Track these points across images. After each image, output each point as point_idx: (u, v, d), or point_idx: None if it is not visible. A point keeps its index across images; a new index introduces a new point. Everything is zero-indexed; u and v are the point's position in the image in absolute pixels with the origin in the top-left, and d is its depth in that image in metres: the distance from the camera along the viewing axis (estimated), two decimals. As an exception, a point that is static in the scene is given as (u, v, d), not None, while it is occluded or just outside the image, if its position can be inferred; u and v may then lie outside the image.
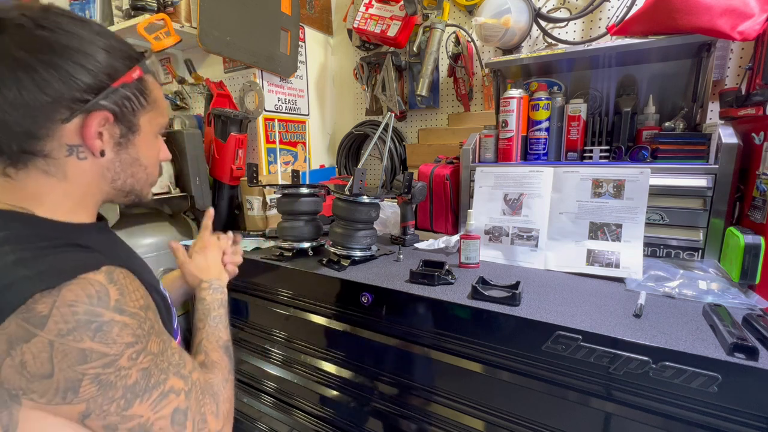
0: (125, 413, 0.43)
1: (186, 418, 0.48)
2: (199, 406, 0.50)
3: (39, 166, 0.48)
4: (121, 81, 0.50)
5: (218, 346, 0.64)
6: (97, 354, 0.41)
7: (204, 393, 0.52)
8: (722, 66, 1.24)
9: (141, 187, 0.59)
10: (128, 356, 0.43)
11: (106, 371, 0.41)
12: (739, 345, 0.63)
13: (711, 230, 1.02)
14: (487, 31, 1.39)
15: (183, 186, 1.59)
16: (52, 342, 0.39)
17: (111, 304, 0.42)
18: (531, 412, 0.84)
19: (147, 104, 0.55)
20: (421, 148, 1.71)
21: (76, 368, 0.40)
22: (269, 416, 1.33)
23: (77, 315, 0.40)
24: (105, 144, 0.51)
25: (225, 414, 0.54)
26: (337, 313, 1.10)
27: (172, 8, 1.60)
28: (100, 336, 0.41)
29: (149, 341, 0.46)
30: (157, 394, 0.45)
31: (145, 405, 0.44)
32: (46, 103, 0.45)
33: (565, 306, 0.84)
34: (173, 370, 0.48)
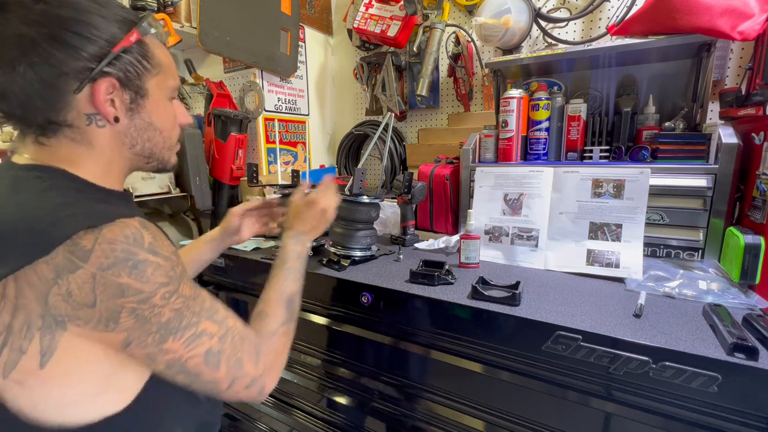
0: (161, 347, 0.47)
1: (219, 361, 0.51)
2: (235, 351, 0.53)
3: (67, 134, 0.51)
4: (119, 46, 0.50)
5: (280, 298, 0.66)
6: (133, 290, 0.44)
7: (242, 340, 0.54)
8: (722, 66, 1.24)
9: (160, 151, 0.60)
10: (161, 295, 0.46)
11: (141, 306, 0.45)
12: (739, 345, 0.63)
13: (711, 230, 1.02)
14: (487, 31, 1.39)
15: (183, 186, 1.59)
16: (95, 275, 0.43)
17: (145, 245, 0.46)
18: (531, 412, 0.84)
19: (152, 67, 0.55)
20: (421, 148, 1.71)
21: (116, 301, 0.44)
22: (269, 416, 1.33)
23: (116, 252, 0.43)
24: (118, 110, 0.53)
25: (267, 363, 0.57)
26: (337, 313, 1.10)
27: (172, 8, 1.60)
28: (136, 273, 0.44)
29: (181, 284, 0.49)
30: (189, 334, 0.49)
31: (178, 342, 0.48)
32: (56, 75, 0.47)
33: (565, 306, 0.84)
34: (206, 315, 0.51)
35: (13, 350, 0.43)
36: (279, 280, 0.69)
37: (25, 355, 0.43)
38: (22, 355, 0.43)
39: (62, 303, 0.42)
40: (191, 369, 0.50)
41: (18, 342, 0.43)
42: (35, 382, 0.44)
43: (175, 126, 0.62)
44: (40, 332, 0.43)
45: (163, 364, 0.49)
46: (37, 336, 0.43)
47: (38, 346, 0.43)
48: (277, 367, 0.59)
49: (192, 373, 0.50)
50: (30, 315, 0.42)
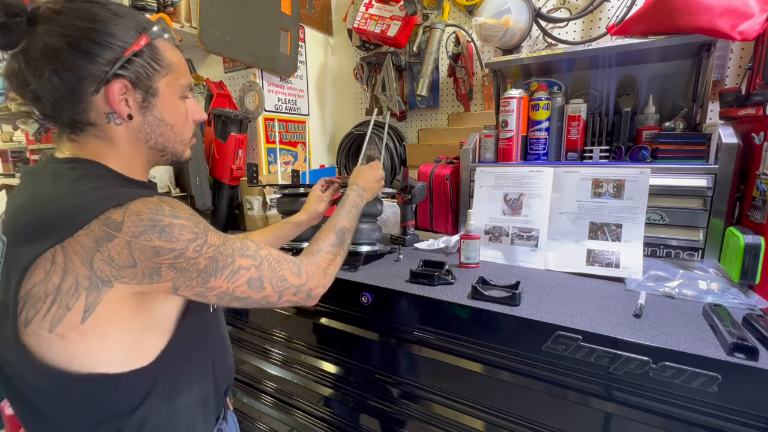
0: (206, 286, 0.56)
1: (262, 283, 0.61)
2: (275, 272, 0.62)
3: (91, 132, 0.58)
4: (130, 50, 0.56)
5: (332, 228, 0.81)
6: (166, 249, 0.51)
7: (279, 262, 0.64)
8: (722, 66, 1.24)
9: (172, 145, 0.65)
10: (193, 249, 0.53)
11: (178, 261, 0.52)
12: (739, 345, 0.63)
13: (711, 230, 1.02)
14: (487, 31, 1.39)
15: (183, 186, 1.58)
16: (130, 242, 0.49)
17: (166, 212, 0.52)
18: (531, 412, 0.84)
19: (161, 68, 0.60)
20: (421, 148, 1.71)
21: (153, 260, 0.51)
22: (269, 416, 1.33)
23: (143, 221, 0.50)
24: (132, 109, 0.58)
25: (310, 273, 0.68)
26: (337, 313, 1.10)
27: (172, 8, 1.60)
28: (165, 236, 0.51)
29: (208, 236, 0.55)
30: (228, 272, 0.57)
31: (220, 280, 0.56)
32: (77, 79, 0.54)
33: (565, 306, 0.84)
34: (239, 254, 0.59)
35: (61, 307, 0.49)
36: (335, 217, 0.84)
37: (70, 311, 0.49)
38: (67, 311, 0.49)
39: (106, 266, 0.49)
40: (240, 295, 0.59)
41: (65, 300, 0.49)
42: (76, 336, 0.50)
43: (188, 122, 0.67)
44: (87, 291, 0.49)
45: (213, 297, 0.58)
46: (83, 294, 0.49)
47: (83, 303, 0.50)
48: (320, 275, 0.70)
49: (242, 298, 0.60)
50: (78, 277, 0.49)
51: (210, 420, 0.70)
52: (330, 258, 0.75)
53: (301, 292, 0.66)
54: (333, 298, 1.09)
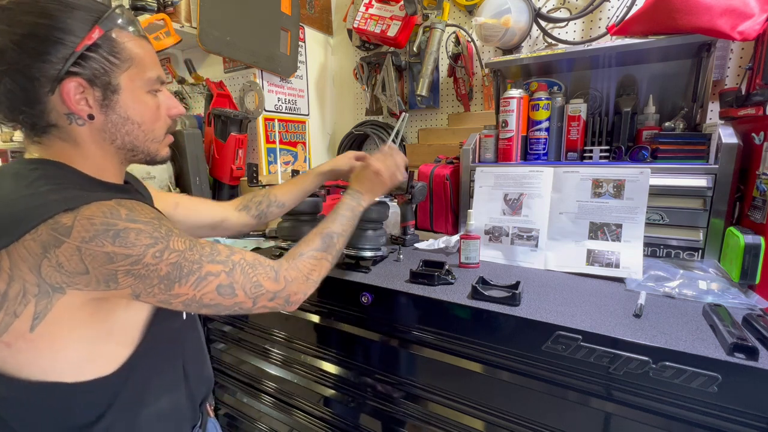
0: (170, 293, 0.53)
1: (234, 289, 0.57)
2: (248, 277, 0.59)
3: (54, 134, 0.55)
4: (82, 44, 0.51)
5: (318, 232, 0.75)
6: (121, 256, 0.48)
7: (253, 266, 0.60)
8: (722, 66, 1.24)
9: (143, 144, 0.61)
10: (152, 254, 0.50)
11: (135, 267, 0.49)
12: (739, 345, 0.63)
13: (711, 230, 1.02)
14: (487, 31, 1.39)
15: (183, 186, 1.59)
16: (80, 247, 0.46)
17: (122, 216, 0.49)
18: (531, 412, 0.84)
19: (121, 62, 0.55)
20: (421, 148, 1.71)
21: (107, 266, 0.48)
22: (269, 416, 1.33)
23: (95, 225, 0.47)
24: (92, 108, 0.54)
25: (289, 278, 0.64)
26: (337, 313, 1.10)
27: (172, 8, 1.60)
28: (120, 241, 0.48)
29: (170, 241, 0.52)
30: (194, 278, 0.54)
31: (185, 287, 0.53)
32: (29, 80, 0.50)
33: (565, 306, 0.84)
34: (207, 260, 0.55)
35: (7, 314, 0.47)
36: (326, 220, 0.79)
37: (18, 318, 0.47)
38: (15, 318, 0.47)
39: (55, 273, 0.47)
40: (209, 303, 0.56)
41: (12, 307, 0.47)
42: (24, 344, 0.48)
43: (159, 118, 0.62)
44: (36, 298, 0.47)
45: (180, 305, 0.55)
46: (32, 301, 0.47)
47: (32, 310, 0.47)
48: (300, 281, 0.66)
49: (211, 305, 0.57)
50: (25, 284, 0.47)
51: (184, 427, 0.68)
52: (313, 263, 0.70)
53: (279, 298, 0.63)
54: (333, 298, 1.09)
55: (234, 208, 0.96)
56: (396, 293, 0.96)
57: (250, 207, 0.97)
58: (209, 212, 0.92)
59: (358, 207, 0.86)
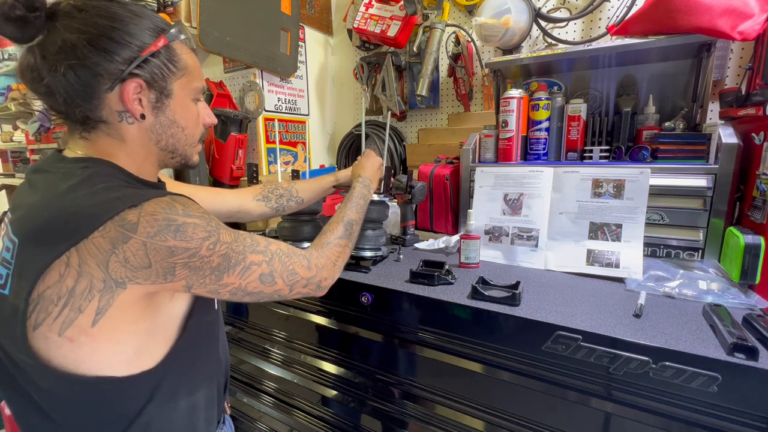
0: (219, 282, 0.57)
1: (274, 278, 0.62)
2: (285, 266, 0.64)
3: (103, 130, 0.58)
4: (148, 50, 0.56)
5: (341, 220, 0.82)
6: (181, 249, 0.52)
7: (289, 256, 0.65)
8: (722, 66, 1.24)
9: (182, 147, 0.66)
10: (206, 247, 0.54)
11: (192, 260, 0.53)
12: (739, 345, 0.63)
13: (711, 230, 1.02)
14: (487, 31, 1.39)
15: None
16: (145, 242, 0.50)
17: (179, 212, 0.53)
18: (531, 412, 0.84)
19: (177, 70, 0.60)
20: (421, 148, 1.71)
21: (168, 260, 0.51)
22: (269, 416, 1.33)
23: (158, 221, 0.50)
24: (144, 108, 0.58)
25: (320, 266, 0.70)
26: (337, 313, 1.10)
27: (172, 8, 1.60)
28: (180, 235, 0.51)
29: (220, 234, 0.56)
30: (240, 268, 0.58)
31: (233, 277, 0.58)
32: (92, 76, 0.54)
33: (565, 306, 0.84)
34: (249, 250, 0.60)
35: (72, 310, 0.49)
36: (343, 209, 0.86)
37: (82, 314, 0.49)
38: (79, 314, 0.49)
39: (121, 268, 0.49)
40: (252, 290, 0.61)
41: (78, 303, 0.49)
42: (86, 339, 0.50)
43: (198, 125, 0.67)
44: (100, 293, 0.49)
45: (227, 294, 0.59)
46: (96, 297, 0.49)
47: (96, 305, 0.50)
48: (329, 267, 0.72)
49: (254, 293, 0.61)
50: (92, 279, 0.49)
51: (212, 424, 0.70)
52: (339, 250, 0.76)
53: (311, 284, 0.69)
54: (333, 298, 1.09)
55: (252, 197, 1.00)
56: (396, 293, 0.96)
57: (270, 198, 1.02)
58: (226, 203, 0.96)
59: (369, 194, 0.95)
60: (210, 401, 0.69)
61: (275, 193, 1.02)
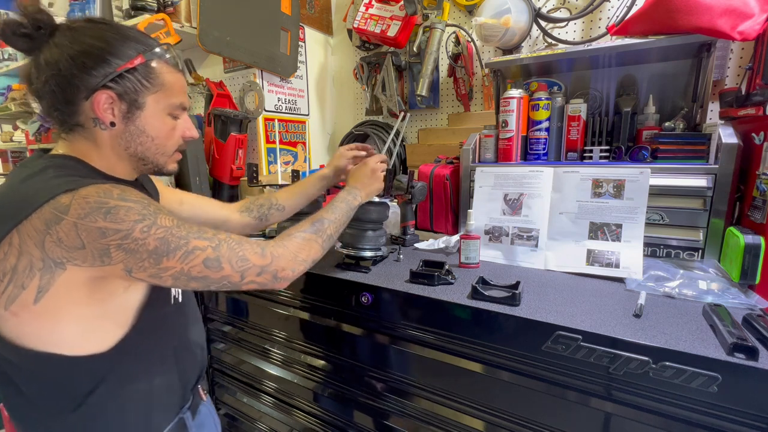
0: (159, 266, 0.57)
1: (221, 263, 0.61)
2: (234, 252, 0.63)
3: (80, 132, 0.64)
4: (123, 67, 0.62)
5: (311, 217, 0.81)
6: (112, 230, 0.54)
7: (240, 243, 0.65)
8: (722, 66, 1.24)
9: (153, 156, 0.69)
10: (140, 229, 0.55)
11: (125, 242, 0.54)
12: (739, 345, 0.63)
13: (711, 230, 1.02)
14: (487, 31, 1.39)
15: (183, 186, 1.58)
16: (76, 223, 0.53)
17: (114, 195, 0.55)
18: (531, 412, 0.84)
19: (152, 86, 0.65)
20: (421, 148, 1.71)
21: (101, 241, 0.54)
22: (269, 416, 1.33)
23: (90, 204, 0.53)
24: (115, 117, 0.63)
25: (276, 254, 0.68)
26: (337, 313, 1.10)
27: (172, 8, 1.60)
28: (110, 217, 0.54)
29: (157, 218, 0.57)
30: (182, 253, 0.58)
31: (173, 261, 0.58)
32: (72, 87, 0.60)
33: (565, 306, 0.84)
34: (194, 236, 0.60)
35: (16, 286, 0.54)
36: (322, 212, 0.83)
37: (25, 291, 0.54)
38: (22, 290, 0.54)
39: (56, 248, 0.53)
40: (197, 275, 0.60)
41: (21, 280, 0.53)
42: (28, 315, 0.55)
43: (172, 137, 0.70)
44: (41, 272, 0.53)
45: (169, 279, 0.59)
46: (37, 275, 0.53)
47: (37, 283, 0.54)
48: (287, 257, 0.70)
49: (199, 278, 0.61)
50: (32, 258, 0.53)
51: (171, 409, 0.73)
52: (302, 243, 0.74)
53: (266, 272, 0.66)
54: (333, 298, 1.09)
55: (237, 210, 1.02)
56: (396, 293, 0.96)
57: (252, 209, 1.03)
58: (213, 211, 0.98)
59: (353, 200, 0.91)
60: (168, 389, 0.72)
61: (256, 203, 1.04)
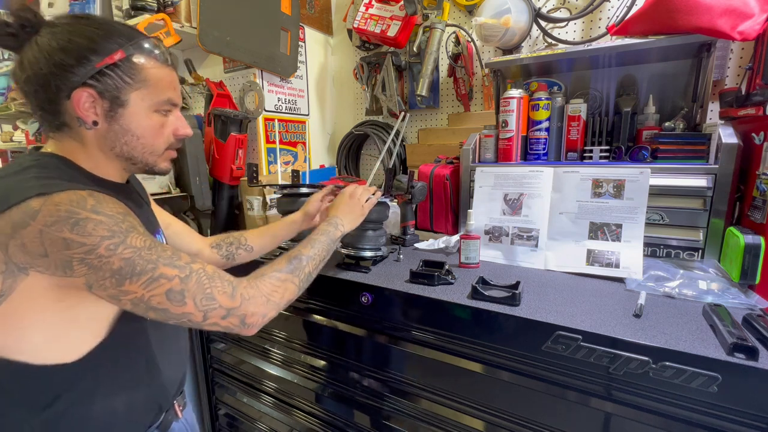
0: (120, 289, 0.54)
1: (184, 297, 0.57)
2: (202, 288, 0.58)
3: (66, 132, 0.62)
4: (103, 63, 0.59)
5: (287, 255, 0.75)
6: (76, 243, 0.51)
7: (211, 278, 0.60)
8: (722, 66, 1.23)
9: (141, 155, 0.66)
10: (106, 246, 0.52)
11: (89, 257, 0.52)
12: (739, 345, 0.63)
13: (711, 230, 1.02)
14: (487, 31, 1.39)
15: (183, 186, 1.58)
16: (42, 230, 0.50)
17: (87, 206, 0.53)
18: (531, 412, 0.84)
19: (135, 82, 0.62)
20: (421, 148, 1.71)
21: (64, 252, 0.51)
22: (269, 416, 1.33)
23: (59, 212, 0.51)
24: (98, 116, 0.61)
25: (247, 296, 0.62)
26: (337, 313, 1.10)
27: (172, 8, 1.60)
28: (77, 229, 0.51)
29: (128, 237, 0.54)
30: (146, 278, 0.55)
31: (135, 285, 0.54)
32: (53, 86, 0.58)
33: (565, 306, 0.84)
34: (164, 262, 0.56)
35: None
36: (299, 246, 0.78)
37: None
38: None
39: (20, 253, 0.51)
40: (156, 306, 0.56)
41: None
42: None
43: (161, 135, 0.67)
44: (3, 275, 0.52)
45: (128, 303, 0.56)
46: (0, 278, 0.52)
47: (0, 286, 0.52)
48: (259, 302, 0.63)
49: (159, 309, 0.56)
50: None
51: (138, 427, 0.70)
52: (276, 285, 0.68)
53: (233, 316, 0.60)
54: (333, 298, 1.09)
55: (209, 245, 0.99)
56: (396, 293, 0.96)
57: (221, 246, 1.00)
58: (191, 242, 0.96)
59: (334, 232, 0.86)
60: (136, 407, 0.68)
61: (226, 241, 1.00)
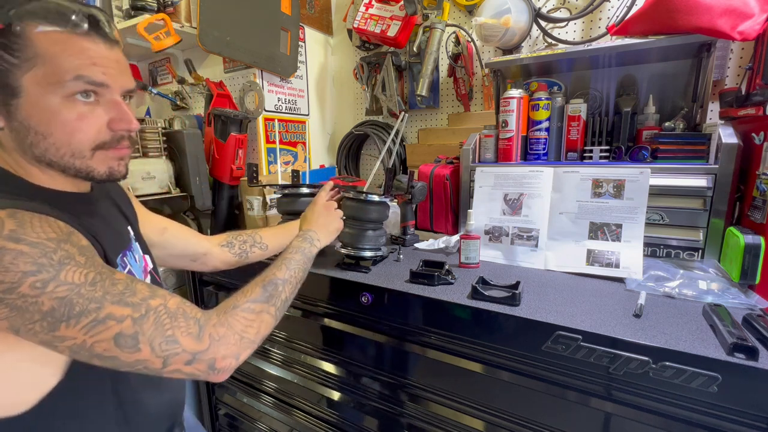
0: (54, 334, 0.44)
1: (137, 342, 0.47)
2: (161, 329, 0.48)
3: None
4: None
5: (260, 280, 0.64)
6: None
7: (173, 317, 0.50)
8: (722, 66, 1.23)
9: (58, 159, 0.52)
10: (30, 284, 0.42)
11: (8, 296, 0.41)
12: (739, 345, 0.63)
13: (711, 230, 1.02)
14: (487, 31, 1.39)
15: (183, 186, 1.58)
16: None
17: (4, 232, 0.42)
18: (531, 412, 0.84)
19: (21, 61, 0.47)
20: (421, 148, 1.71)
21: None
22: (269, 416, 1.33)
23: None
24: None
25: (217, 337, 0.52)
26: (337, 313, 1.10)
27: (172, 8, 1.60)
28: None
29: (62, 271, 0.44)
30: (88, 321, 0.44)
31: (74, 330, 0.44)
32: None
33: (565, 306, 0.84)
34: (111, 299, 0.46)
35: None
36: (273, 267, 0.69)
37: None
38: None
39: None
40: (102, 353, 0.46)
41: None
42: None
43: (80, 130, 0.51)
44: None
45: (66, 350, 0.45)
46: None
47: None
48: (231, 341, 0.53)
49: (106, 357, 0.46)
50: None
51: None
52: (250, 319, 0.57)
53: (200, 361, 0.50)
54: (333, 299, 1.09)
55: (217, 243, 0.94)
56: (396, 293, 0.96)
57: (234, 244, 0.95)
58: (195, 244, 0.90)
59: (310, 248, 0.78)
60: None
61: (239, 239, 0.96)
